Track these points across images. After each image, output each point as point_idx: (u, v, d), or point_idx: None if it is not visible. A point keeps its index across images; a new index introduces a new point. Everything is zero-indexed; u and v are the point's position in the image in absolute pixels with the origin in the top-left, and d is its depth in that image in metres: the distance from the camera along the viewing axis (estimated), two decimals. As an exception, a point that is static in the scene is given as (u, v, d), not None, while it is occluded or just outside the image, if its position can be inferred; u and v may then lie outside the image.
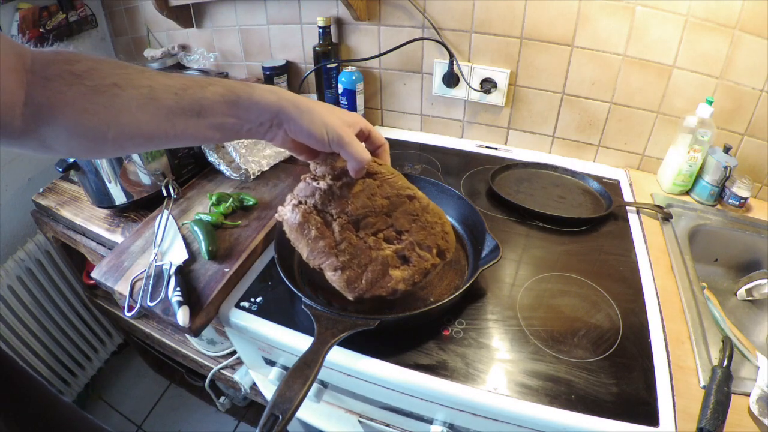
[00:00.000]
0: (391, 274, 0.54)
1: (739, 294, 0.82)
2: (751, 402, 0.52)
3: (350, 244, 0.53)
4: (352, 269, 0.53)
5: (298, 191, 0.55)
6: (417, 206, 0.56)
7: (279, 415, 0.43)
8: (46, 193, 0.99)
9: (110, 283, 0.68)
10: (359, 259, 0.53)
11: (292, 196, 0.55)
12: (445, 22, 0.99)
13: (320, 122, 0.46)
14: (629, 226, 0.84)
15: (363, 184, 0.53)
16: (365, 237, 0.54)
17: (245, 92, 0.44)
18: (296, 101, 0.45)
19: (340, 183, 0.53)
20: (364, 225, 0.54)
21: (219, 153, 0.93)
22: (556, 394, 0.53)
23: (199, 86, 0.42)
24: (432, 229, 0.56)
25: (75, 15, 1.30)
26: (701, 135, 0.85)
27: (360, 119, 0.52)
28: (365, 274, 0.53)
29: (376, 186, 0.54)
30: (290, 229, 0.54)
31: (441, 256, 0.57)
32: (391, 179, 0.54)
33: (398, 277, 0.54)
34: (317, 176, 0.54)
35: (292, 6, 1.11)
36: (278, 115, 0.45)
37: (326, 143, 0.47)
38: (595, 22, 0.87)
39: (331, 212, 0.53)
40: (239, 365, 0.98)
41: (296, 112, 0.45)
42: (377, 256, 0.54)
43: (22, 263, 1.17)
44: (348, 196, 0.53)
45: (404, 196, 0.55)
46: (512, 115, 1.06)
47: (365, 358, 0.58)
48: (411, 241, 0.55)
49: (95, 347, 1.45)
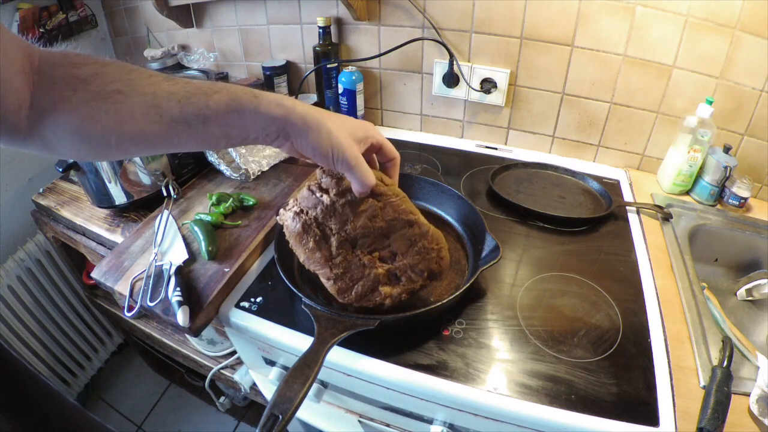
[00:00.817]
0: (380, 290, 0.56)
1: (739, 294, 0.82)
2: (751, 402, 0.52)
3: (345, 260, 0.55)
4: (344, 281, 0.55)
5: (301, 199, 0.55)
6: (416, 232, 0.56)
7: (279, 415, 0.43)
8: (46, 193, 0.99)
9: (110, 283, 0.68)
10: (352, 274, 0.55)
11: (294, 202, 0.56)
12: (445, 22, 0.99)
13: (327, 141, 0.44)
14: (629, 226, 0.84)
15: (366, 205, 0.53)
16: (361, 255, 0.55)
17: (251, 103, 0.43)
18: (305, 116, 0.44)
19: (344, 201, 0.53)
20: (361, 244, 0.55)
21: (219, 153, 0.93)
22: (556, 394, 0.53)
23: (204, 94, 0.41)
24: (428, 254, 0.57)
25: (75, 15, 1.30)
26: (701, 135, 0.85)
27: (372, 131, 0.51)
28: (356, 287, 0.55)
29: (378, 208, 0.53)
30: (289, 235, 0.56)
31: (432, 278, 0.59)
32: (395, 202, 0.54)
33: (387, 293, 0.56)
34: (322, 187, 0.54)
35: (292, 6, 1.11)
36: (285, 128, 0.44)
37: (331, 163, 0.46)
38: (595, 22, 0.87)
39: (330, 227, 0.54)
40: (239, 365, 0.98)
41: (303, 128, 0.44)
42: (370, 273, 0.55)
43: (22, 263, 1.17)
44: (349, 215, 0.53)
45: (405, 221, 0.55)
46: (512, 115, 1.06)
47: (365, 358, 0.58)
48: (405, 263, 0.56)
49: (95, 347, 1.45)
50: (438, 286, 0.66)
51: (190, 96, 0.41)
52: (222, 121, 0.42)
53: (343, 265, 0.55)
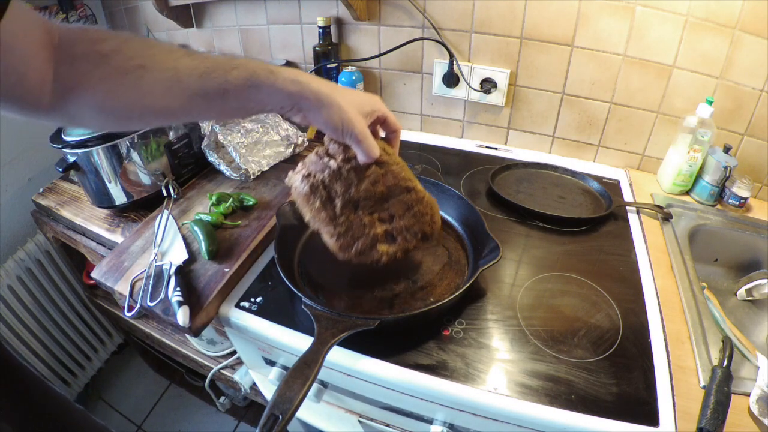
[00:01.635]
0: (378, 248, 0.60)
1: (739, 294, 0.82)
2: (751, 402, 0.52)
3: (347, 219, 0.59)
4: (345, 239, 0.59)
5: (309, 163, 0.59)
6: (413, 197, 0.60)
7: (279, 415, 0.43)
8: (46, 193, 0.99)
9: (110, 283, 0.68)
10: (353, 232, 0.59)
11: (303, 165, 0.60)
12: (445, 22, 0.99)
13: (338, 116, 0.47)
14: (629, 226, 0.84)
15: (369, 171, 0.57)
16: (362, 216, 0.59)
17: (268, 79, 0.45)
18: (318, 93, 0.46)
19: (349, 166, 0.56)
20: (363, 206, 0.59)
21: (219, 153, 0.93)
22: (556, 394, 0.53)
23: (223, 69, 0.43)
24: (422, 218, 0.61)
25: (75, 15, 1.30)
26: (701, 135, 0.85)
27: (378, 104, 0.55)
28: (356, 244, 0.59)
29: (380, 174, 0.57)
30: (297, 196, 0.60)
31: (425, 239, 0.62)
32: (395, 169, 0.58)
33: (383, 251, 0.60)
34: (329, 153, 0.58)
35: (292, 6, 1.11)
36: (299, 103, 0.46)
37: (341, 136, 0.50)
38: (595, 22, 0.87)
39: (336, 189, 0.58)
40: (239, 365, 0.98)
41: (316, 103, 0.46)
42: (369, 232, 0.59)
43: (22, 263, 1.17)
44: (353, 180, 0.57)
45: (404, 187, 0.59)
46: (512, 115, 1.06)
47: (365, 358, 0.58)
48: (402, 225, 0.60)
49: (95, 347, 1.45)
50: (438, 286, 0.66)
51: (210, 71, 0.42)
52: (240, 95, 0.44)
53: (346, 224, 0.58)
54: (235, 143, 0.91)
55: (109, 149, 0.79)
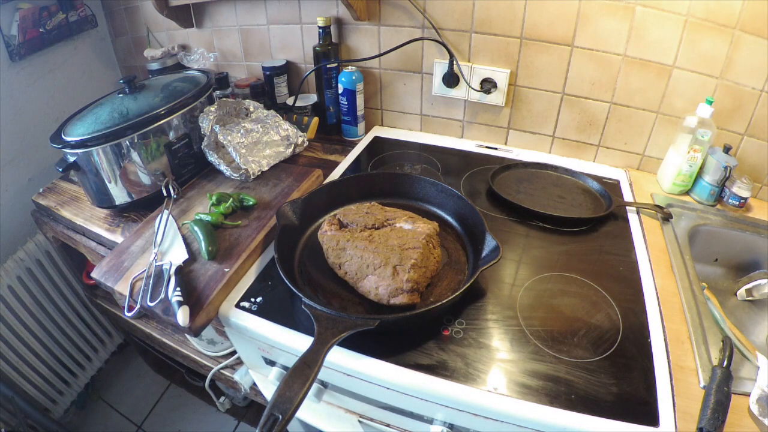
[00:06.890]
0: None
1: (739, 294, 0.82)
2: (751, 402, 0.52)
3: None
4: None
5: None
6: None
7: (279, 415, 0.43)
8: (46, 193, 0.99)
9: (110, 283, 0.68)
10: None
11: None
12: (445, 22, 0.99)
13: None
14: (629, 226, 0.83)
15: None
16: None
17: None
18: None
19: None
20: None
21: (219, 153, 0.93)
22: (556, 394, 0.53)
23: None
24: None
25: (75, 15, 1.30)
26: (701, 135, 0.85)
27: None
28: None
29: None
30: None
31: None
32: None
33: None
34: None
35: (292, 6, 1.11)
36: None
37: None
38: (595, 22, 0.87)
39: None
40: (239, 365, 0.98)
41: None
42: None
43: (22, 263, 1.17)
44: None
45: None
46: (512, 115, 1.06)
47: (365, 358, 0.58)
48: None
49: (95, 347, 1.45)
50: (438, 286, 0.66)
51: None
52: None
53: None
54: (235, 143, 0.91)
55: (109, 149, 0.79)
